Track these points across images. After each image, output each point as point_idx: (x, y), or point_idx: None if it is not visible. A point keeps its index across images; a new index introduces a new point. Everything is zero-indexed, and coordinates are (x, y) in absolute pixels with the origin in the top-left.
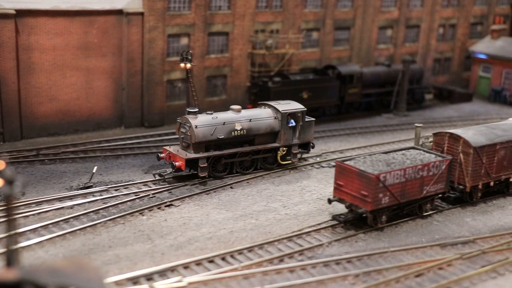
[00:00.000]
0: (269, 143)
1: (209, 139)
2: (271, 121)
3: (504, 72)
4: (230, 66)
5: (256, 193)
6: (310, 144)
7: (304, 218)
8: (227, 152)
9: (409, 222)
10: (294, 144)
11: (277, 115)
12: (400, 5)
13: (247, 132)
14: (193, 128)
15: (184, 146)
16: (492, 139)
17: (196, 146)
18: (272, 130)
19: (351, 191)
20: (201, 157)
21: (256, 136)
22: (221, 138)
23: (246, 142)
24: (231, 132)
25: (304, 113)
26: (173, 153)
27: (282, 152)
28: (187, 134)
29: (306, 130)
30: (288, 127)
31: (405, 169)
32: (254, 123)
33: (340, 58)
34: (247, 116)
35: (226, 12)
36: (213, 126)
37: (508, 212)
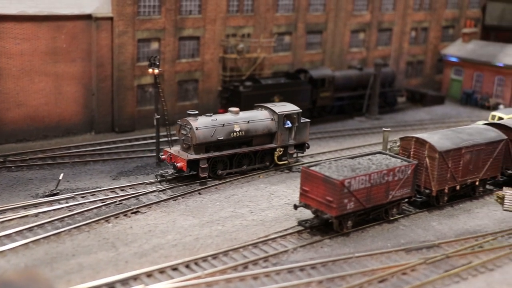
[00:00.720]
0: (267, 144)
1: (209, 140)
2: (268, 122)
3: (475, 75)
4: (201, 70)
5: (224, 198)
6: (305, 145)
7: (271, 224)
8: (227, 153)
9: (375, 227)
10: (290, 145)
11: (274, 116)
12: (372, 9)
13: (246, 133)
14: (194, 130)
15: (184, 148)
16: (458, 143)
17: (197, 148)
18: (269, 131)
19: (316, 196)
20: (201, 158)
21: (254, 137)
22: (221, 140)
23: (244, 143)
24: (230, 134)
25: (300, 115)
26: (174, 155)
27: (279, 153)
28: (187, 135)
29: (302, 131)
30: (285, 128)
31: (370, 174)
32: (252, 125)
33: (313, 62)
34: (245, 118)
35: (196, 17)
36: (213, 127)
37: (474, 216)
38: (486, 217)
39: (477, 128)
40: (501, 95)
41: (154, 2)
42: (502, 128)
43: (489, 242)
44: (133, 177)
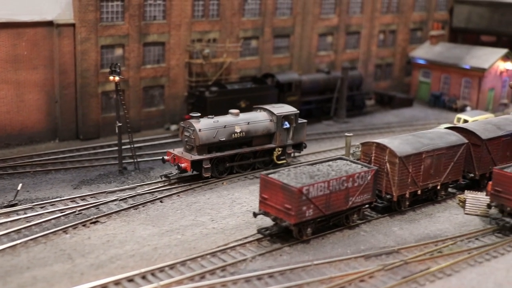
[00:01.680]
0: (266, 144)
1: (211, 141)
2: (267, 123)
3: (443, 77)
4: (167, 76)
5: (186, 206)
6: (302, 144)
7: (231, 232)
8: (228, 154)
9: (336, 233)
10: (289, 145)
11: (273, 118)
12: (339, 12)
13: (246, 134)
14: (197, 132)
15: (187, 149)
16: (418, 148)
17: (200, 148)
18: (269, 132)
19: (275, 204)
20: (205, 158)
21: (254, 138)
22: (223, 140)
23: (244, 144)
24: (231, 135)
25: (297, 116)
26: (177, 156)
27: (278, 152)
28: (191, 137)
29: (299, 131)
30: (283, 129)
31: (329, 181)
32: (252, 126)
33: (281, 66)
34: (245, 119)
35: (161, 22)
36: (215, 129)
37: (435, 220)
38: (447, 221)
39: (438, 132)
40: (468, 97)
41: (117, 8)
42: (463, 132)
43: (449, 247)
44: (95, 186)
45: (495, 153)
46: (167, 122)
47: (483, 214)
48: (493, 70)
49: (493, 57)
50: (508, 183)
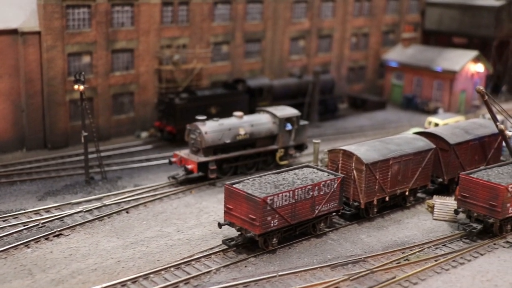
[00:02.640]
0: (269, 145)
1: (217, 143)
2: (270, 125)
3: (415, 79)
4: (136, 83)
5: (152, 217)
6: (304, 145)
7: (197, 243)
8: (233, 155)
9: (303, 242)
10: (291, 146)
11: (275, 120)
12: (311, 16)
13: (250, 136)
14: (203, 134)
15: (194, 151)
16: (385, 155)
17: (206, 150)
18: (271, 133)
19: (240, 214)
20: (211, 160)
21: (257, 140)
22: (228, 143)
23: (248, 145)
24: (235, 137)
25: (299, 118)
26: (184, 158)
27: (280, 153)
28: (197, 139)
29: (301, 133)
30: (285, 131)
31: (294, 190)
32: (255, 128)
33: (252, 71)
34: (249, 122)
35: (129, 29)
36: (220, 131)
37: (403, 226)
38: (415, 227)
39: (405, 138)
40: (440, 99)
41: (84, 15)
42: (431, 137)
43: (416, 254)
44: (60, 197)
45: (464, 157)
46: (138, 129)
47: (451, 219)
48: (464, 72)
49: (464, 59)
50: (475, 189)
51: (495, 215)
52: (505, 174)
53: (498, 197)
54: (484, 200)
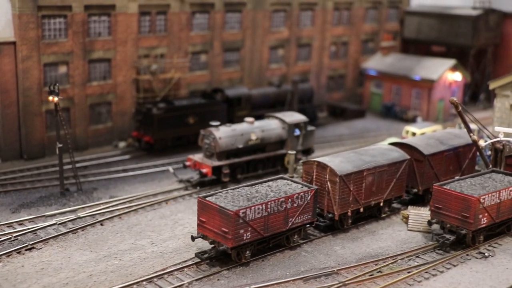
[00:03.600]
0: (278, 150)
1: (230, 148)
2: (280, 131)
3: (394, 88)
4: (114, 92)
5: (126, 229)
6: (311, 150)
7: (171, 255)
8: (245, 159)
9: (276, 254)
10: (299, 150)
11: (284, 125)
12: (290, 25)
13: (261, 141)
14: (217, 139)
15: (207, 155)
16: (359, 166)
17: (220, 155)
18: (281, 138)
19: (213, 227)
20: (224, 164)
21: (267, 145)
22: (240, 148)
23: (259, 150)
24: (247, 142)
25: (307, 124)
26: (198, 162)
27: (288, 158)
28: (211, 144)
29: (308, 138)
30: (294, 136)
31: (267, 203)
32: (266, 133)
33: (231, 80)
34: (260, 127)
35: (106, 39)
36: (233, 137)
37: (378, 237)
38: (389, 238)
39: (380, 149)
40: (418, 107)
41: (60, 25)
42: (406, 148)
43: (389, 266)
44: (34, 209)
45: (438, 168)
46: (116, 139)
47: (425, 230)
48: (442, 81)
49: (442, 68)
50: (448, 200)
51: (467, 226)
52: (477, 185)
53: (470, 208)
54: (457, 211)
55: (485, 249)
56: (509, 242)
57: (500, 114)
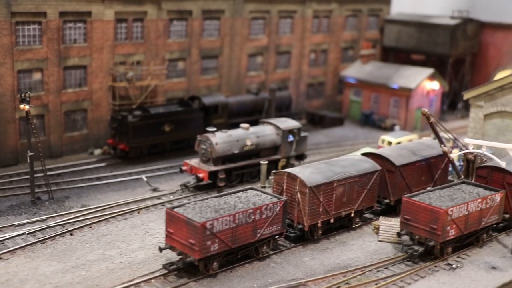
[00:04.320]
0: (272, 155)
1: (226, 153)
2: (274, 136)
3: (373, 96)
4: (90, 99)
5: (96, 239)
6: (304, 155)
7: (139, 266)
8: (241, 164)
9: (245, 265)
10: (292, 156)
11: (279, 131)
12: (269, 33)
13: (256, 146)
14: (214, 145)
15: (204, 160)
16: (329, 177)
17: (216, 160)
18: (275, 144)
19: (180, 239)
20: (220, 169)
21: (262, 150)
22: (236, 153)
23: (254, 155)
24: (243, 147)
25: (300, 130)
26: (195, 167)
27: (282, 163)
28: (207, 150)
29: (301, 144)
30: (287, 142)
31: (234, 215)
32: (261, 139)
33: (209, 87)
34: (255, 133)
35: (82, 45)
36: (229, 142)
37: (348, 248)
38: (359, 249)
39: (351, 160)
40: (396, 116)
41: (34, 31)
42: (378, 158)
43: (357, 277)
44: (3, 218)
45: (410, 178)
46: (91, 147)
47: (396, 241)
48: (420, 89)
49: (420, 77)
50: (417, 212)
51: (435, 238)
52: (446, 197)
53: (438, 220)
54: (425, 223)
55: (453, 261)
56: (478, 253)
57: (474, 124)
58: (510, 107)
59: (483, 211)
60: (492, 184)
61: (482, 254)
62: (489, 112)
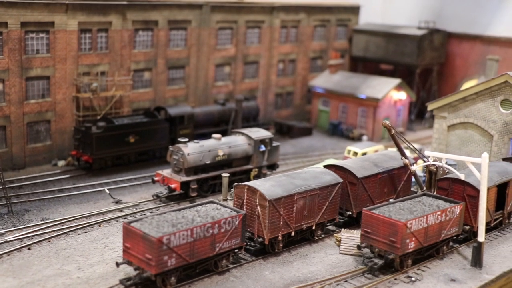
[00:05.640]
0: (244, 165)
1: (198, 164)
2: (246, 147)
3: (341, 106)
4: (53, 110)
5: (54, 254)
6: (276, 165)
7: (96, 281)
8: (213, 175)
9: (204, 280)
10: (264, 166)
11: (250, 141)
12: (236, 43)
13: (228, 157)
14: (186, 155)
15: (176, 171)
16: (290, 190)
17: (188, 171)
18: (247, 154)
19: (137, 253)
20: (192, 179)
21: (234, 160)
22: (208, 163)
23: (226, 165)
24: (215, 158)
25: (272, 140)
26: (167, 177)
27: (254, 172)
28: (179, 160)
29: (273, 154)
30: (259, 152)
31: (192, 229)
32: (233, 149)
33: (176, 97)
34: (227, 143)
35: (45, 56)
36: (201, 153)
37: (309, 261)
38: (320, 262)
39: (313, 172)
40: (364, 126)
41: None
42: (340, 170)
43: None
44: None
45: (372, 190)
46: (55, 158)
47: (357, 253)
48: (387, 99)
49: (387, 87)
50: (376, 224)
51: (395, 251)
52: (406, 209)
53: (397, 233)
54: (385, 236)
55: (413, 273)
56: (438, 265)
57: (438, 135)
58: (472, 118)
59: (442, 224)
60: (452, 196)
61: (442, 266)
62: (453, 123)
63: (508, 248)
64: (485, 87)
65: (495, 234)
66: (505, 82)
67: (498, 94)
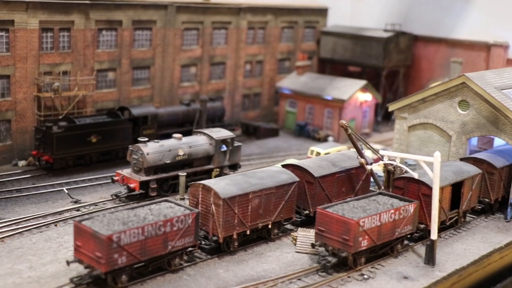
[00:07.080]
0: (205, 165)
1: (158, 164)
2: (207, 146)
3: (307, 107)
4: (13, 110)
5: (6, 253)
6: (237, 165)
7: (47, 280)
8: (172, 174)
9: (157, 278)
10: (226, 166)
11: (212, 141)
12: (202, 44)
13: (188, 156)
14: (145, 155)
15: (135, 170)
16: (245, 189)
17: (147, 170)
18: (208, 154)
19: (88, 252)
20: (152, 179)
21: (195, 160)
22: (168, 163)
23: (186, 165)
24: (175, 157)
25: (234, 140)
26: (126, 177)
27: (216, 172)
28: (139, 160)
29: (235, 154)
30: (221, 152)
31: (143, 227)
32: (193, 149)
33: (141, 98)
34: (187, 143)
35: (5, 55)
36: (161, 152)
37: (264, 260)
38: (275, 260)
39: (269, 171)
40: (330, 127)
41: None
42: (298, 169)
43: None
44: None
45: (330, 189)
46: (16, 158)
47: (313, 252)
48: (353, 101)
49: (353, 89)
50: (330, 223)
51: (347, 249)
52: (359, 208)
53: (350, 231)
54: (338, 234)
55: (367, 271)
56: (392, 263)
57: (399, 135)
58: (432, 119)
59: (396, 222)
60: (408, 195)
61: (396, 264)
62: (413, 124)
63: (462, 246)
64: (444, 88)
65: (450, 232)
66: (463, 83)
67: (456, 95)
